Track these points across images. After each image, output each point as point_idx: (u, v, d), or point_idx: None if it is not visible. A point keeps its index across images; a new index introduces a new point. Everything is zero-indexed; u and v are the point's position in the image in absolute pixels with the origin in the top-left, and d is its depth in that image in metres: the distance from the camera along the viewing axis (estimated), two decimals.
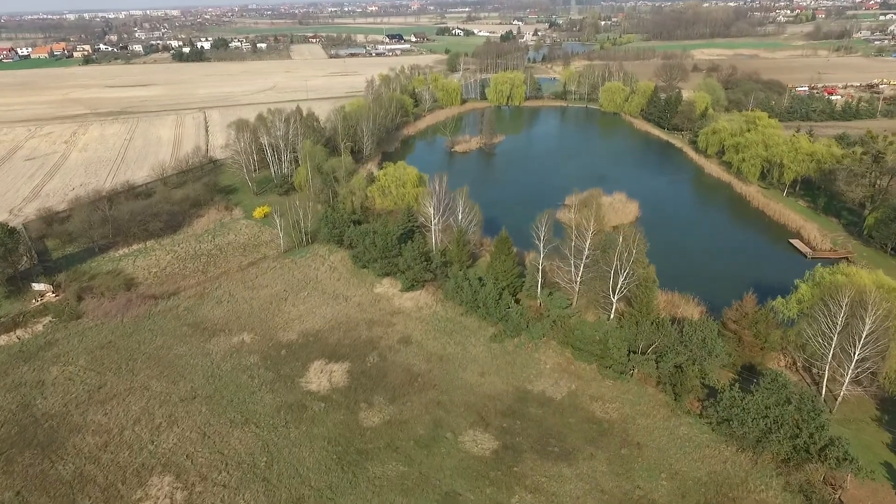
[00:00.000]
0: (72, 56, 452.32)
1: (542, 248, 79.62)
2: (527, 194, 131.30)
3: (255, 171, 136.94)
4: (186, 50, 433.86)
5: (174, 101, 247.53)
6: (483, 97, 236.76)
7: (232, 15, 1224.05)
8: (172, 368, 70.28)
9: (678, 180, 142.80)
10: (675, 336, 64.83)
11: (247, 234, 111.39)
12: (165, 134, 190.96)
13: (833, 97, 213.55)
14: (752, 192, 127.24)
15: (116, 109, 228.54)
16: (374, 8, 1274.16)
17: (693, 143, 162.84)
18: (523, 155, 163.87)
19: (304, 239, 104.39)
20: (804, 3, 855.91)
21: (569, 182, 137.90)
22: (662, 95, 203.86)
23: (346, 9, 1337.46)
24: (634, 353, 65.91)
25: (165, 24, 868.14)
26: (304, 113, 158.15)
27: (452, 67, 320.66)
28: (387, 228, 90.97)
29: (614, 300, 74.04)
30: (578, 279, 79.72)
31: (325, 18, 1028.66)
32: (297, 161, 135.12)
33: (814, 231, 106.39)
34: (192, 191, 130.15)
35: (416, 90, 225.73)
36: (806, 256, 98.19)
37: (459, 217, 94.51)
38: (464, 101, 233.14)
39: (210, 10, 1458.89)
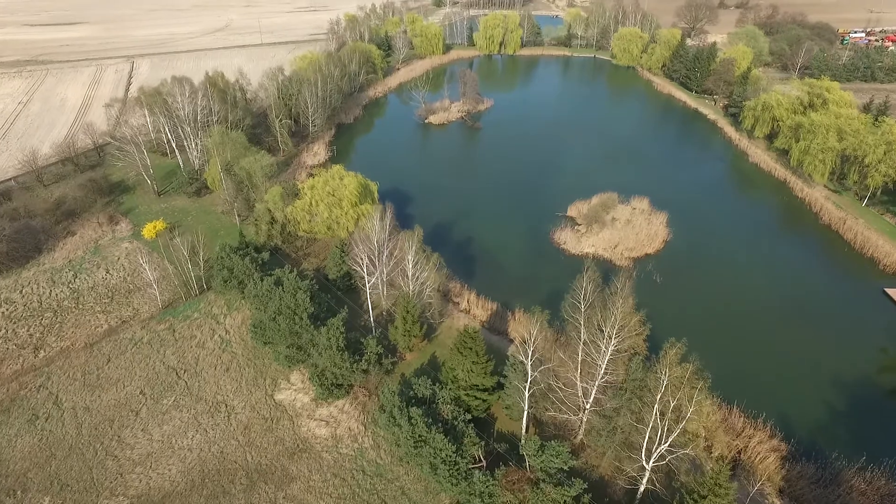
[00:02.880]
0: None
1: (529, 369, 48.60)
2: (516, 196, 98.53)
3: (169, 154, 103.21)
4: None
5: (101, 47, 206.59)
6: (471, 43, 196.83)
7: None
8: None
9: (714, 174, 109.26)
10: None
11: (124, 268, 79.70)
12: (73, 95, 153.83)
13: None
14: (819, 198, 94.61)
15: (24, 58, 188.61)
16: None
17: (732, 115, 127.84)
18: (515, 130, 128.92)
19: (196, 284, 73.06)
20: None
21: (572, 175, 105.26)
22: (690, 44, 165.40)
23: None
24: None
25: None
26: (233, 77, 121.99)
27: (439, 2, 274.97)
28: (296, 297, 59.58)
29: (648, 468, 44.04)
30: (587, 406, 49.66)
31: None
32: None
33: None
34: (71, 191, 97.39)
35: (389, 35, 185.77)
36: None
37: (410, 274, 62.79)
38: (448, 49, 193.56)
39: None
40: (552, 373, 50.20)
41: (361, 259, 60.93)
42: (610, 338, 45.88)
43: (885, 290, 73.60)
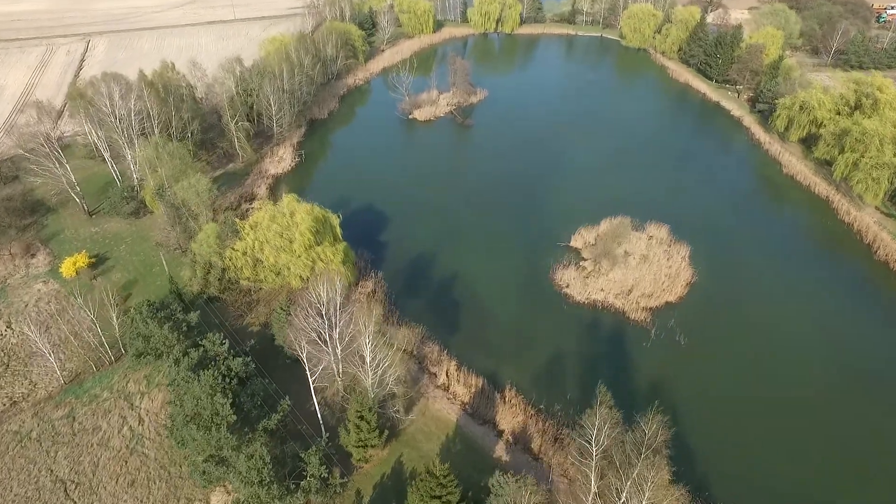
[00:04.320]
0: None
1: None
2: (510, 215, 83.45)
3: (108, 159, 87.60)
4: None
5: (55, 21, 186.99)
6: (465, 20, 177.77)
7: None
8: None
9: (741, 188, 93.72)
10: None
11: (32, 320, 65.06)
12: (15, 81, 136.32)
13: None
14: (871, 224, 79.49)
15: None
16: None
17: (760, 112, 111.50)
18: (510, 127, 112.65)
19: (112, 349, 58.69)
20: None
21: (576, 186, 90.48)
22: (711, 24, 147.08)
23: None
24: None
25: None
26: (186, 67, 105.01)
27: None
28: (213, 400, 45.25)
29: None
30: None
31: None
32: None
33: None
34: None
35: (374, 11, 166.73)
36: None
37: (368, 360, 48.24)
38: (439, 26, 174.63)
39: None
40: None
41: (302, 344, 46.27)
42: None
43: None
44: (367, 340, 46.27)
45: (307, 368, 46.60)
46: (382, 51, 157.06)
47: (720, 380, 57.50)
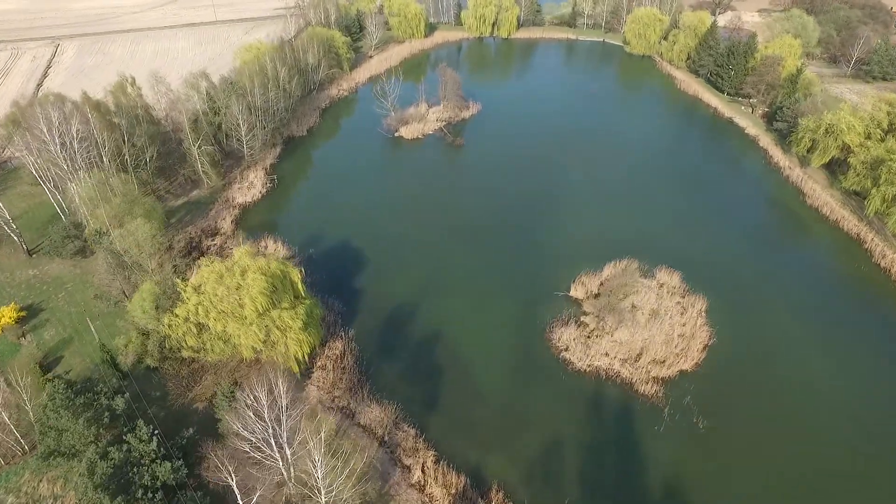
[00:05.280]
0: None
1: None
2: (502, 255, 74.11)
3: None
4: None
5: (27, 23, 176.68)
6: (459, 22, 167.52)
7: None
8: None
9: (760, 221, 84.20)
10: None
11: None
12: None
13: None
14: None
15: None
16: None
17: (777, 130, 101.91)
18: (504, 147, 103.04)
19: (27, 438, 49.48)
20: None
21: (574, 218, 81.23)
22: (722, 29, 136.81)
23: None
24: None
25: None
26: (147, 81, 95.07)
27: None
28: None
29: None
30: None
31: None
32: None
33: None
34: None
35: (361, 13, 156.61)
36: None
37: (319, 476, 39.01)
38: (431, 30, 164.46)
39: None
40: None
41: (231, 470, 36.97)
42: None
43: None
44: (318, 460, 36.98)
45: (238, 498, 37.34)
46: (370, 57, 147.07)
47: (747, 475, 48.40)
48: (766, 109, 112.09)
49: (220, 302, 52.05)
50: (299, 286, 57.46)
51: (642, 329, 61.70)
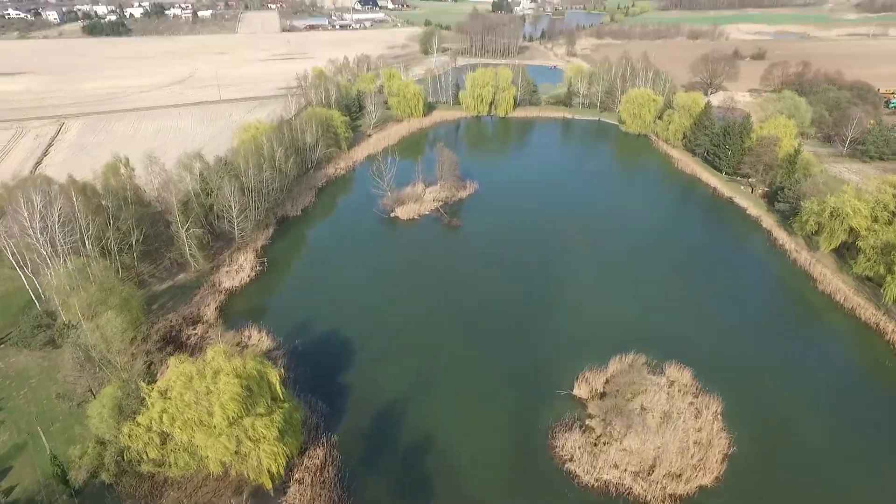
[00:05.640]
0: None
1: None
2: (498, 347, 69.42)
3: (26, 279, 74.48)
4: (114, 17, 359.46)
5: (34, 103, 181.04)
6: (457, 101, 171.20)
7: None
8: None
9: (771, 309, 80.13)
10: None
11: None
12: None
13: None
14: None
15: None
16: None
17: (780, 212, 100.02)
18: (501, 228, 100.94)
19: None
20: None
21: (576, 304, 76.70)
22: (716, 109, 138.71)
23: None
24: None
25: None
26: (141, 162, 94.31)
27: (426, 49, 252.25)
28: None
29: None
30: None
31: None
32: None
33: None
34: None
35: (362, 93, 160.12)
36: None
37: None
38: (430, 109, 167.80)
39: None
40: None
41: None
42: None
43: None
44: None
45: None
46: (369, 135, 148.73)
47: None
48: (766, 189, 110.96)
49: (187, 409, 47.24)
50: (278, 388, 52.70)
51: (654, 435, 56.24)
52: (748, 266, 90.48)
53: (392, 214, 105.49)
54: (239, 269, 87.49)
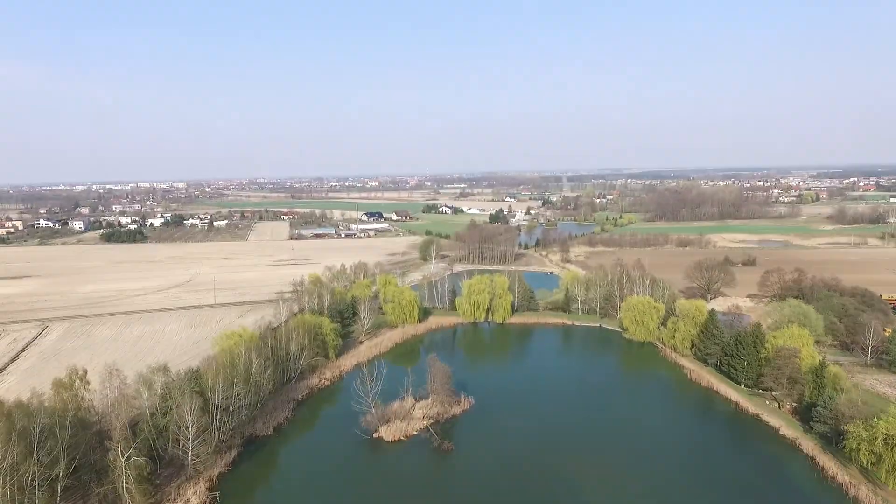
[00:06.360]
0: None
1: None
2: None
3: None
4: (134, 227, 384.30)
5: (26, 306, 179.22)
6: (453, 308, 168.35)
7: (234, 188, 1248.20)
8: None
9: None
10: None
11: None
12: None
13: None
14: None
15: None
16: (374, 183, 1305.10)
17: (821, 434, 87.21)
18: (498, 452, 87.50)
19: None
20: (794, 184, 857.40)
21: None
22: (721, 314, 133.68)
23: (347, 183, 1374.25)
24: None
25: (151, 196, 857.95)
26: (99, 374, 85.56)
27: (425, 256, 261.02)
28: None
29: None
30: None
31: (321, 192, 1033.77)
32: None
33: None
34: None
35: (356, 299, 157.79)
36: None
37: None
38: (426, 315, 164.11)
39: (215, 182, 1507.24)
40: None
41: None
42: None
43: None
44: None
45: None
46: (360, 342, 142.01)
47: None
48: (795, 404, 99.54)
49: None
50: None
51: None
52: (792, 499, 74.78)
53: (376, 434, 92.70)
54: None
